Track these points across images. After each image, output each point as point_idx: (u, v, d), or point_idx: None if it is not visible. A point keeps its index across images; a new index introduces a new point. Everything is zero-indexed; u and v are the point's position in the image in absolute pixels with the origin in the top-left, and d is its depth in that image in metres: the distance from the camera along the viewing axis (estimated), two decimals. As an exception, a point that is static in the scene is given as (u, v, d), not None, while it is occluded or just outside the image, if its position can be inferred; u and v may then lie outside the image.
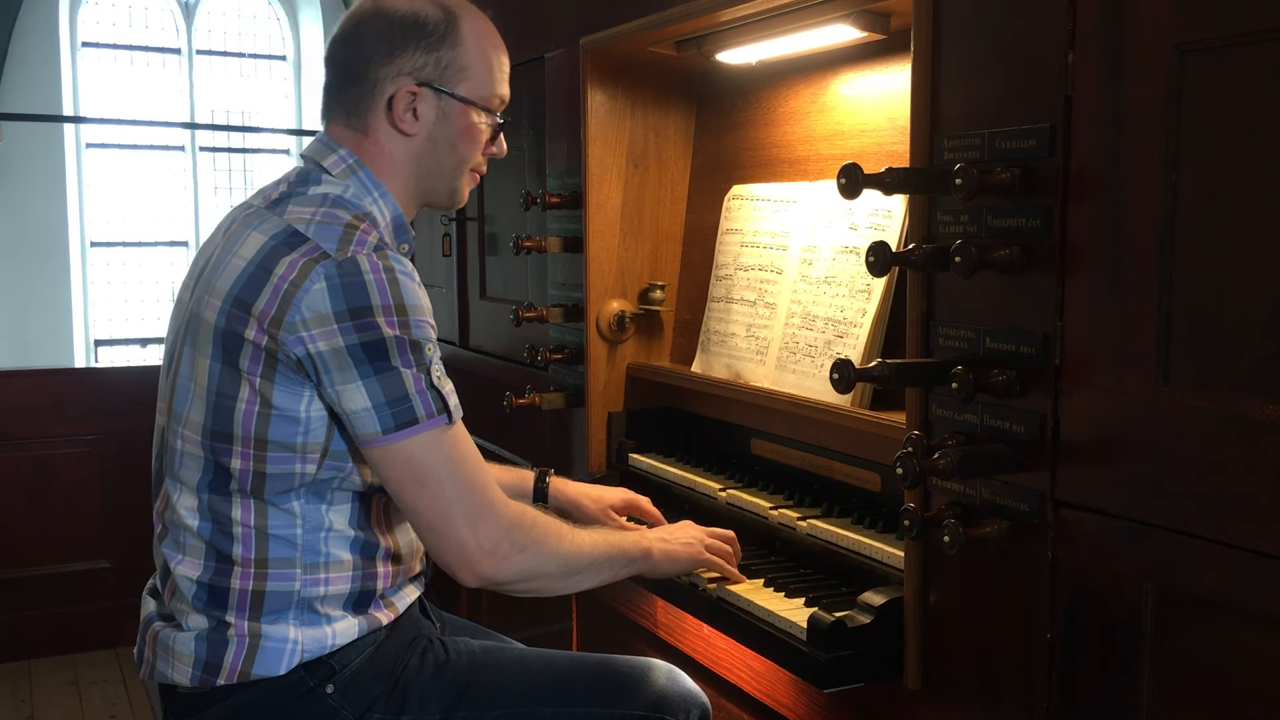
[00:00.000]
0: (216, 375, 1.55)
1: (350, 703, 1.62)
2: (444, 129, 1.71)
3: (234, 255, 1.57)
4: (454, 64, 1.69)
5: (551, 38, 2.67)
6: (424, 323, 1.55)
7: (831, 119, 2.13)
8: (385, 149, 1.70)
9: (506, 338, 3.05)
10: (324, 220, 1.56)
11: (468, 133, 1.73)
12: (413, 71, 1.67)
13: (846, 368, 1.43)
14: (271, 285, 1.51)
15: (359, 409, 1.50)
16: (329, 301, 1.49)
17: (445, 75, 1.69)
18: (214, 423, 1.56)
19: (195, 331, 1.59)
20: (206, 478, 1.59)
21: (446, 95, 1.69)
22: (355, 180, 1.67)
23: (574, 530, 1.70)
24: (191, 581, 1.60)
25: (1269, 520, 1.13)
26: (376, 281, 1.50)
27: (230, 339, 1.54)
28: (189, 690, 1.62)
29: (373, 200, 1.68)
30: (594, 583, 1.72)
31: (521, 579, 1.61)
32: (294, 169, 1.72)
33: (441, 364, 1.58)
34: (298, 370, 1.52)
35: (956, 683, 1.53)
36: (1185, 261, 1.21)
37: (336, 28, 1.73)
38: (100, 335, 10.64)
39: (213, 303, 1.57)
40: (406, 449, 1.52)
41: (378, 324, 1.49)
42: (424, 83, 1.68)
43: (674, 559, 1.82)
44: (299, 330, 1.49)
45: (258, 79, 11.27)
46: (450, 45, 1.69)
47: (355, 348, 1.49)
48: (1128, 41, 1.25)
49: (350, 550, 1.63)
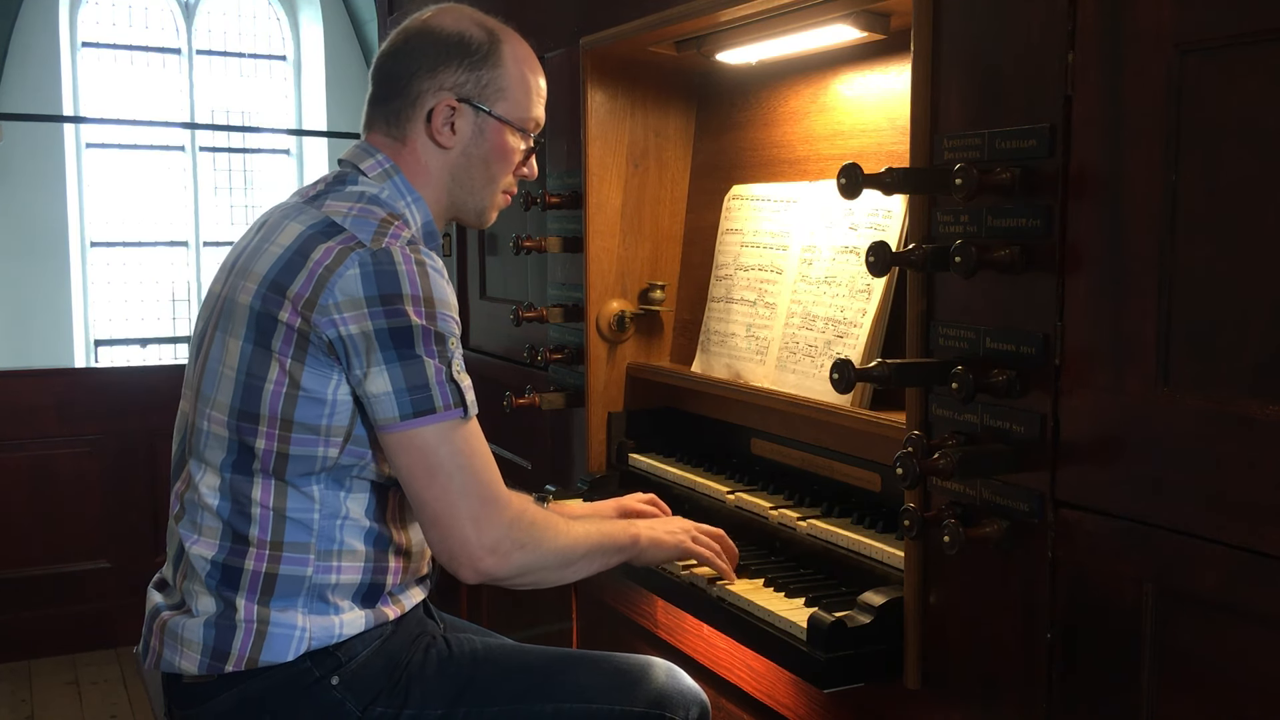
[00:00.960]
0: (248, 356, 1.59)
1: (354, 695, 1.64)
2: (479, 145, 1.78)
3: (271, 243, 1.63)
4: (494, 84, 1.76)
5: (551, 38, 2.67)
6: (449, 317, 1.60)
7: (831, 119, 2.13)
8: (421, 159, 1.76)
9: (506, 338, 3.05)
10: (360, 215, 1.63)
11: (501, 151, 1.79)
12: (454, 87, 1.74)
13: (846, 368, 1.43)
14: (307, 269, 1.56)
15: (380, 393, 1.54)
16: (361, 286, 1.54)
17: (484, 93, 1.76)
18: (242, 403, 1.60)
19: (229, 316, 1.64)
20: (230, 457, 1.62)
21: (484, 113, 1.76)
22: (391, 184, 1.74)
23: (568, 523, 1.75)
24: (206, 560, 1.63)
25: (1269, 520, 1.13)
26: (408, 272, 1.56)
27: (264, 320, 1.58)
28: (194, 680, 1.63)
29: (406, 205, 1.74)
30: (587, 572, 1.76)
31: (520, 574, 1.65)
32: (332, 171, 1.79)
33: (462, 361, 1.62)
34: (329, 352, 1.56)
35: (956, 683, 1.53)
36: (1185, 262, 1.21)
37: (384, 43, 1.81)
38: (100, 335, 10.65)
39: (248, 286, 1.62)
40: (421, 437, 1.56)
41: (406, 311, 1.54)
42: (464, 99, 1.75)
43: (660, 546, 1.85)
44: (331, 313, 1.54)
45: (258, 79, 11.28)
46: (492, 66, 1.76)
47: (383, 332, 1.54)
48: (1128, 41, 1.25)
49: (364, 541, 1.66)
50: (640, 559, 1.85)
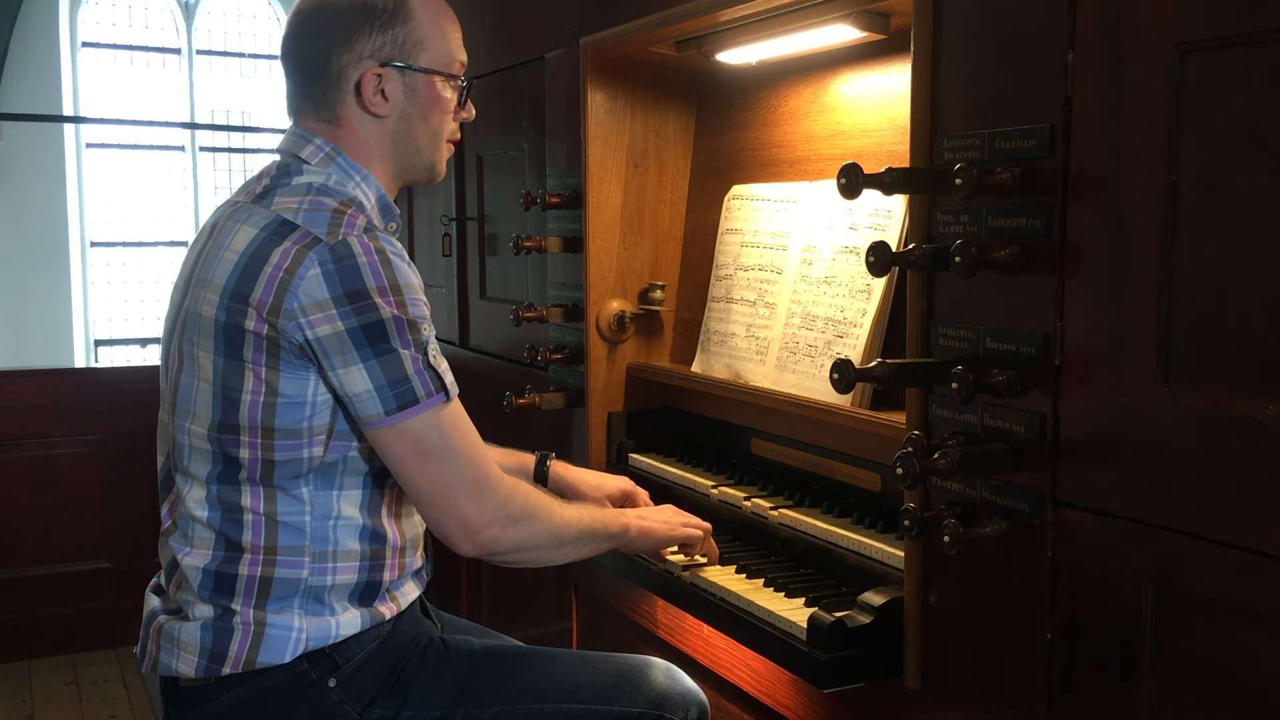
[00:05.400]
0: (221, 369, 1.58)
1: (352, 697, 1.63)
2: (414, 104, 1.74)
3: (226, 250, 1.60)
4: (410, 39, 1.71)
5: (551, 38, 2.67)
6: (418, 301, 1.58)
7: (831, 119, 2.13)
8: (360, 135, 1.72)
9: (506, 338, 3.05)
10: (311, 208, 1.59)
11: (437, 103, 1.75)
12: (373, 53, 1.70)
13: (846, 368, 1.43)
14: (266, 275, 1.54)
15: (360, 391, 1.53)
16: (325, 287, 1.52)
17: (405, 51, 1.71)
18: (222, 415, 1.59)
19: (194, 329, 1.61)
20: (216, 469, 1.61)
21: (411, 70, 1.72)
22: (335, 167, 1.70)
23: (561, 505, 1.76)
24: (199, 570, 1.62)
25: (1269, 520, 1.13)
26: (369, 263, 1.53)
27: (232, 331, 1.56)
28: (192, 683, 1.63)
29: (355, 184, 1.70)
30: (577, 555, 1.77)
31: (515, 549, 1.65)
32: (272, 163, 1.75)
33: (437, 343, 1.61)
34: (300, 355, 1.55)
35: (956, 683, 1.53)
36: (1185, 262, 1.21)
37: (285, 26, 1.76)
38: (100, 335, 10.64)
39: (210, 298, 1.59)
40: (410, 428, 1.55)
41: (376, 305, 1.53)
42: (386, 62, 1.70)
43: (649, 536, 1.87)
44: (297, 316, 1.52)
45: (258, 79, 11.28)
46: (402, 21, 1.71)
47: (355, 330, 1.52)
48: (1128, 41, 1.25)
49: (359, 540, 1.65)
50: (630, 547, 1.87)
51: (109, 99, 10.45)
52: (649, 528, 1.87)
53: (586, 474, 2.14)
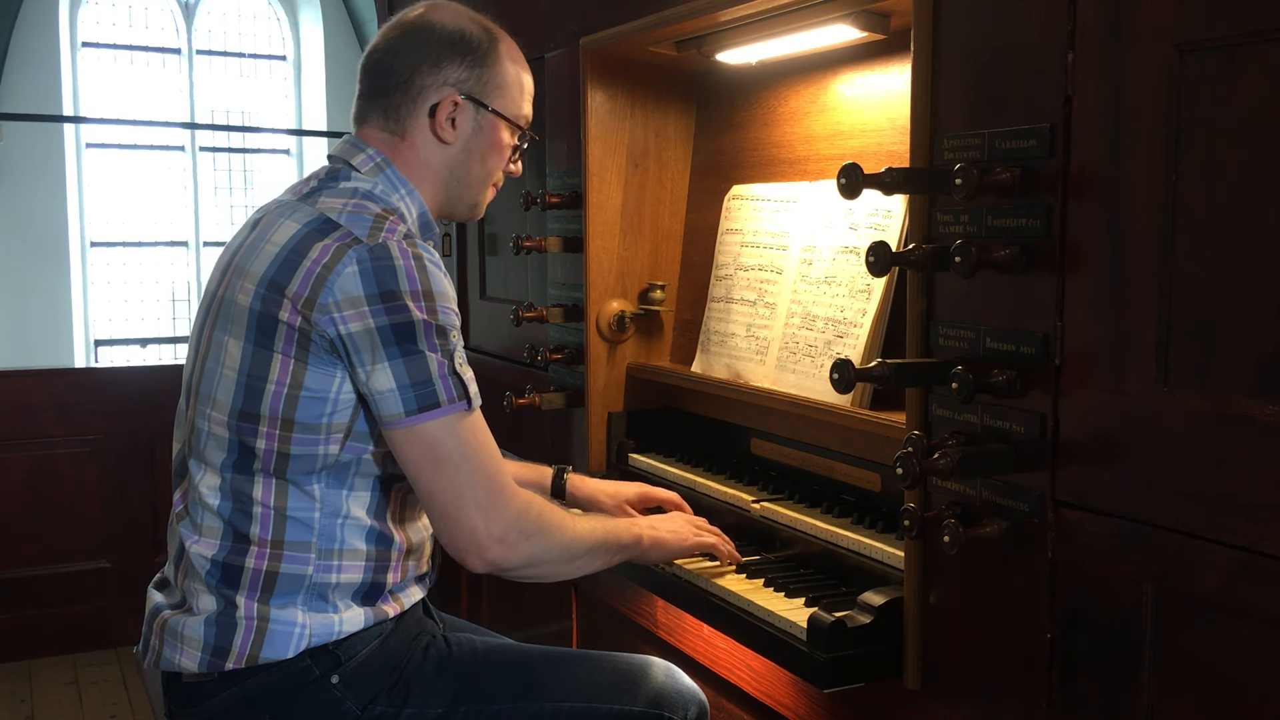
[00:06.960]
0: (249, 357, 1.59)
1: (354, 694, 1.64)
2: (478, 140, 1.79)
3: (267, 242, 1.63)
4: (492, 80, 1.78)
5: (551, 38, 2.67)
6: (449, 310, 1.60)
7: (831, 119, 2.13)
8: (420, 153, 1.77)
9: (506, 338, 3.05)
10: (355, 210, 1.63)
11: (497, 146, 1.82)
12: (457, 83, 1.76)
13: (846, 368, 1.43)
14: (304, 268, 1.56)
15: (385, 389, 1.55)
16: (360, 284, 1.54)
17: (484, 90, 1.78)
18: (243, 403, 1.60)
19: (227, 316, 1.64)
20: (231, 457, 1.62)
21: (485, 109, 1.78)
22: (383, 178, 1.74)
23: (573, 517, 1.75)
24: (206, 559, 1.63)
25: (1269, 520, 1.13)
26: (405, 267, 1.56)
27: (265, 321, 1.58)
28: (194, 679, 1.64)
29: (400, 197, 1.74)
30: (591, 568, 1.77)
31: (527, 565, 1.65)
32: (322, 167, 1.79)
33: (464, 353, 1.63)
34: (331, 350, 1.56)
35: (956, 683, 1.53)
36: (1185, 261, 1.21)
37: (377, 38, 1.81)
38: (100, 335, 10.65)
39: (246, 287, 1.61)
40: (427, 431, 1.56)
41: (407, 307, 1.55)
42: (466, 94, 1.76)
43: (662, 546, 1.87)
44: (331, 311, 1.54)
45: (258, 79, 11.28)
46: (491, 64, 1.78)
47: (385, 329, 1.54)
48: (1127, 41, 1.25)
49: (365, 540, 1.66)
50: (643, 558, 1.86)
51: (109, 99, 10.45)
52: (661, 538, 1.87)
53: (603, 484, 2.15)
